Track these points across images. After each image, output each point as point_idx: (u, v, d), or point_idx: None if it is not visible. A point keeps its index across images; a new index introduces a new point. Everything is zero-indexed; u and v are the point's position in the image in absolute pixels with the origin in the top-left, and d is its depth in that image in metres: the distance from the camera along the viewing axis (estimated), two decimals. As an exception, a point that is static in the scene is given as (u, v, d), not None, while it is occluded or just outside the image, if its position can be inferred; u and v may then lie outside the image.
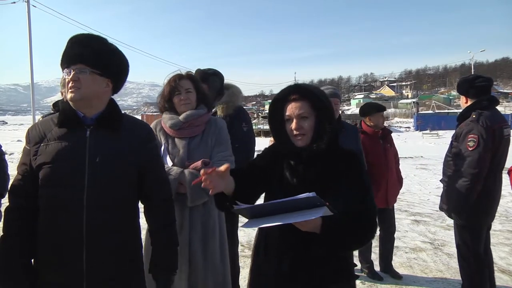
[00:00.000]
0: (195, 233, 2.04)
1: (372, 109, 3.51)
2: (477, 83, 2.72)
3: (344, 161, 1.40)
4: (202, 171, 1.25)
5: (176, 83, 2.13)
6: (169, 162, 2.10)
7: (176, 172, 2.01)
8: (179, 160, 2.09)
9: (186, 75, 2.18)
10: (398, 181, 3.61)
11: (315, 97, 1.40)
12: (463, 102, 2.83)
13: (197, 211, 2.06)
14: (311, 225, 1.23)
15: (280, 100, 1.44)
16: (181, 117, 2.11)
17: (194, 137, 2.13)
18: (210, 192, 1.29)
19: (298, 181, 1.39)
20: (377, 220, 1.38)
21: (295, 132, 1.39)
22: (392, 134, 3.70)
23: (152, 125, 2.28)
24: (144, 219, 1.61)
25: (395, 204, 3.64)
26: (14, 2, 17.42)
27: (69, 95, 1.39)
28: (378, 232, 3.57)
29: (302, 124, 1.38)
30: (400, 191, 3.76)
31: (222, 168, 1.28)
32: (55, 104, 2.86)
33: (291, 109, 1.40)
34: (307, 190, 1.16)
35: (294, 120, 1.38)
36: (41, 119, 2.77)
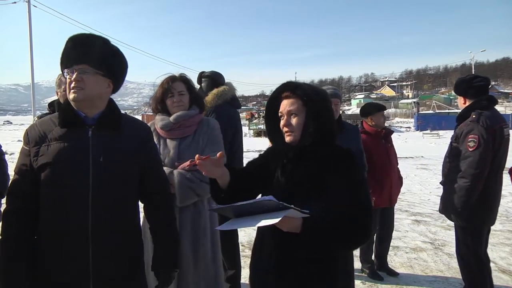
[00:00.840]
0: (186, 233, 2.03)
1: (373, 108, 3.54)
2: (475, 83, 2.71)
3: (338, 161, 1.38)
4: (196, 156, 1.32)
5: (169, 85, 2.12)
6: None
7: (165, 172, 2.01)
8: (169, 160, 2.09)
9: (179, 77, 2.17)
10: (399, 181, 3.64)
11: (305, 94, 1.40)
12: (461, 103, 2.82)
13: (187, 211, 2.05)
14: (290, 225, 1.23)
15: (275, 98, 1.47)
16: (171, 118, 2.11)
17: (186, 137, 2.12)
18: (204, 173, 1.37)
19: (285, 181, 1.40)
20: (371, 220, 1.35)
21: (284, 129, 1.42)
22: (393, 134, 3.71)
23: (155, 126, 2.30)
24: (144, 218, 1.62)
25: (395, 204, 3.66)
26: (15, 2, 17.46)
27: (71, 95, 1.39)
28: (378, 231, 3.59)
29: (291, 121, 1.40)
30: (401, 191, 3.77)
31: (217, 155, 1.35)
32: (51, 104, 2.83)
33: (282, 106, 1.43)
34: (294, 190, 1.18)
35: (284, 117, 1.41)
36: (37, 119, 2.76)
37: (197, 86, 2.96)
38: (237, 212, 1.26)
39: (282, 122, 1.42)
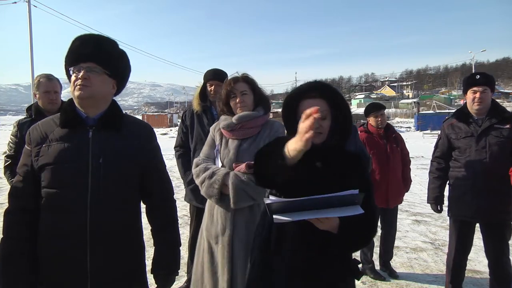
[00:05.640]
0: (239, 237, 1.98)
1: (372, 108, 3.58)
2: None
3: (351, 162, 1.42)
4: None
5: (232, 86, 2.11)
6: (218, 162, 2.10)
7: (221, 173, 2.00)
8: (228, 161, 2.07)
9: (241, 77, 2.15)
10: (404, 183, 3.61)
11: (334, 95, 1.40)
12: (489, 96, 2.65)
13: (241, 215, 2.00)
14: (330, 224, 1.25)
15: (297, 95, 1.43)
16: (234, 118, 2.08)
17: (247, 139, 2.09)
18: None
19: (315, 179, 1.37)
20: (377, 221, 1.40)
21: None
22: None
23: (212, 126, 2.29)
24: (146, 219, 1.62)
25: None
26: (15, 2, 17.45)
27: (77, 92, 1.38)
28: (379, 232, 3.59)
29: (321, 123, 1.37)
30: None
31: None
32: (29, 109, 2.75)
33: (309, 107, 1.39)
34: (323, 187, 1.18)
35: None
36: (15, 124, 2.72)
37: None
38: (289, 208, 1.22)
39: None
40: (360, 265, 3.52)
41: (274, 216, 1.20)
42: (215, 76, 2.89)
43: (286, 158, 1.23)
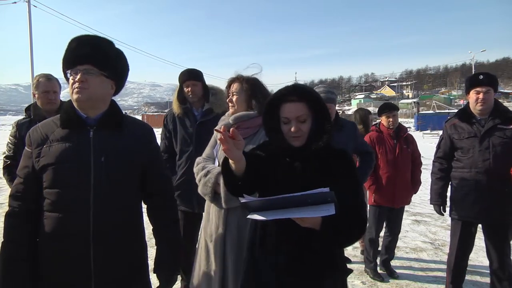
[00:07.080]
0: (231, 236, 1.99)
1: (384, 108, 3.62)
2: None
3: (337, 159, 1.43)
4: (222, 128, 1.28)
5: (228, 86, 2.13)
6: (216, 162, 2.10)
7: (215, 172, 2.00)
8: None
9: (236, 77, 2.13)
10: (413, 185, 3.61)
11: (313, 99, 1.41)
12: (492, 96, 2.64)
13: (234, 214, 2.00)
14: (312, 221, 1.26)
15: (276, 99, 1.44)
16: (230, 118, 2.09)
17: (244, 139, 2.08)
18: (224, 149, 1.31)
19: (296, 179, 1.40)
20: (367, 215, 1.42)
21: (292, 134, 1.40)
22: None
23: (216, 127, 2.28)
24: (147, 218, 1.62)
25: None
26: (15, 2, 17.45)
27: (75, 96, 1.38)
28: (382, 232, 3.59)
29: (301, 126, 1.39)
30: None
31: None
32: (27, 109, 2.74)
33: (289, 112, 1.40)
34: (304, 187, 1.20)
35: (293, 123, 1.39)
36: (14, 125, 2.72)
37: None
38: (263, 206, 1.25)
39: (292, 129, 1.39)
40: (351, 264, 3.57)
41: (249, 215, 1.25)
42: (190, 76, 2.82)
43: (232, 168, 1.38)
